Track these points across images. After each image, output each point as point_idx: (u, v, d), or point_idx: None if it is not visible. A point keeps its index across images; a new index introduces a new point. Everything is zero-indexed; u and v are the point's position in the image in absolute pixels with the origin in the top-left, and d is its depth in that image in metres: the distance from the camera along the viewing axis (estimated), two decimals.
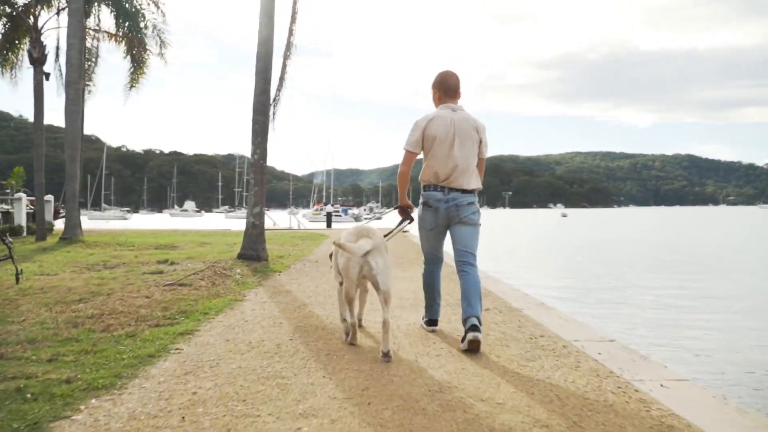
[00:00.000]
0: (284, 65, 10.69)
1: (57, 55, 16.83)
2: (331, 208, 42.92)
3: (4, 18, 15.94)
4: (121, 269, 9.16)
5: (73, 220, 14.77)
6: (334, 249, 4.17)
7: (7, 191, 20.78)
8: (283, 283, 7.61)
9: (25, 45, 15.89)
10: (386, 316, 3.72)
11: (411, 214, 4.49)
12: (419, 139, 4.21)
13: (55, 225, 19.50)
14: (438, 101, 4.38)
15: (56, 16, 16.13)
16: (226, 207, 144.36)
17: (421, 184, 4.37)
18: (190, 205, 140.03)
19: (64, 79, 14.77)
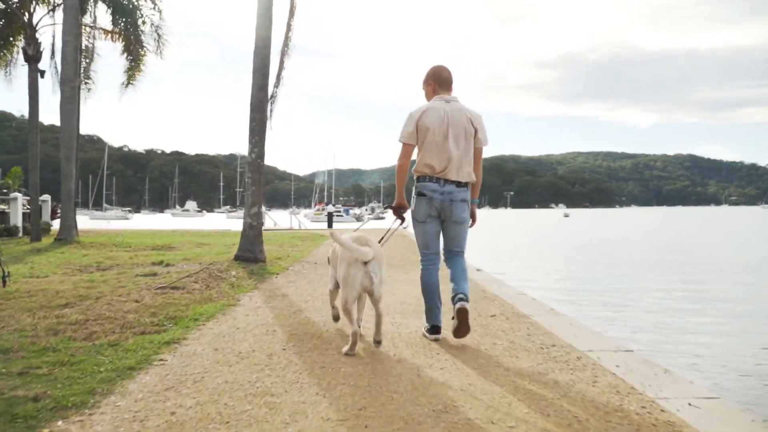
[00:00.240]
0: (282, 61, 10.42)
1: (53, 53, 16.58)
2: (332, 208, 42.57)
3: None
4: (114, 271, 8.88)
5: (68, 221, 14.49)
6: (332, 254, 4.13)
7: (4, 191, 20.52)
8: (280, 286, 7.32)
9: (20, 42, 15.61)
10: (379, 310, 3.96)
11: (404, 214, 4.41)
12: (413, 131, 4.17)
13: (53, 225, 19.22)
14: (432, 94, 4.33)
15: (51, 12, 15.90)
16: (228, 207, 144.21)
17: (415, 176, 4.30)
18: (191, 205, 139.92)
19: (60, 77, 14.47)
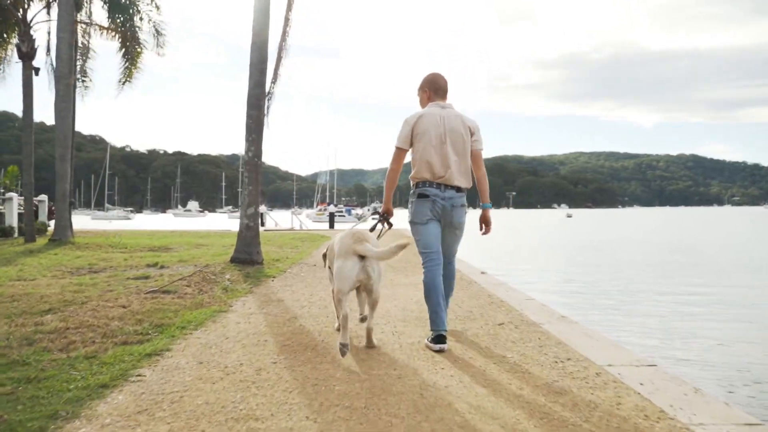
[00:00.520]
0: (279, 57, 10.07)
1: (48, 50, 16.23)
2: (333, 208, 42.22)
3: None
4: (106, 274, 8.56)
5: (63, 221, 14.18)
6: (328, 250, 4.12)
7: (1, 191, 20.25)
8: (276, 290, 6.99)
9: (14, 39, 15.28)
10: (370, 324, 3.95)
11: (390, 220, 4.42)
12: (408, 136, 4.19)
13: (51, 225, 18.91)
14: (427, 101, 4.35)
15: (47, 9, 15.56)
16: (230, 207, 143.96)
17: (412, 183, 4.28)
18: (193, 205, 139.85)
19: (54, 74, 14.16)
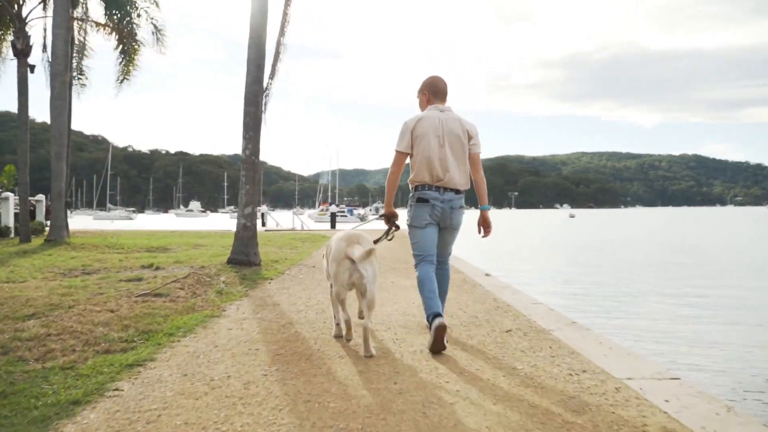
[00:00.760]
0: (278, 52, 9.78)
1: (44, 47, 15.96)
2: (335, 208, 41.83)
3: None
4: (98, 275, 8.29)
5: (58, 221, 13.92)
6: (326, 251, 4.18)
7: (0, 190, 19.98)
8: (272, 293, 6.70)
9: (10, 36, 15.00)
10: (366, 322, 3.82)
11: (396, 222, 4.43)
12: (409, 140, 4.20)
13: (48, 225, 18.64)
14: (426, 103, 4.37)
15: (42, 4, 15.28)
16: (232, 207, 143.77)
17: (412, 185, 4.31)
18: (195, 205, 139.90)
19: (50, 72, 13.89)
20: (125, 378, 3.31)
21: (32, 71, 14.91)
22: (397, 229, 4.42)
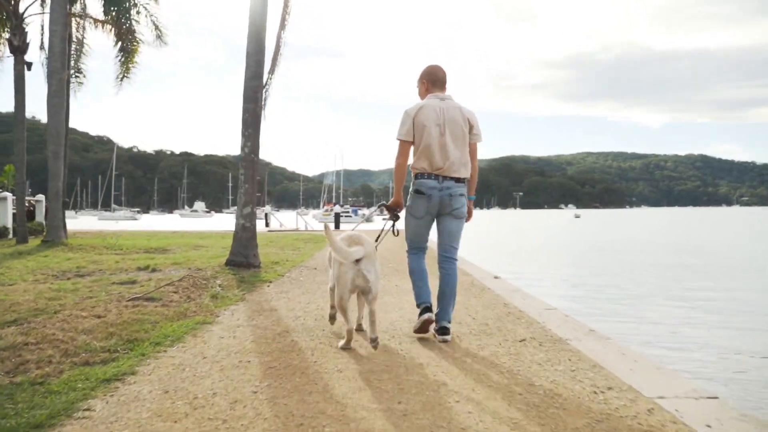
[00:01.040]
0: (278, 46, 9.46)
1: (42, 44, 15.66)
2: (339, 208, 41.53)
3: None
4: (92, 278, 7.98)
5: (56, 222, 13.62)
6: (329, 254, 4.11)
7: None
8: (270, 297, 6.37)
9: (6, 33, 14.71)
10: (373, 307, 3.82)
11: (398, 213, 4.42)
12: (410, 128, 4.18)
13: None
14: (425, 92, 4.37)
15: (40, 0, 15.00)
16: (236, 207, 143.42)
17: (413, 173, 4.31)
18: (199, 205, 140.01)
19: (47, 69, 13.60)
20: (100, 395, 2.99)
21: (29, 69, 14.62)
22: (397, 219, 4.42)
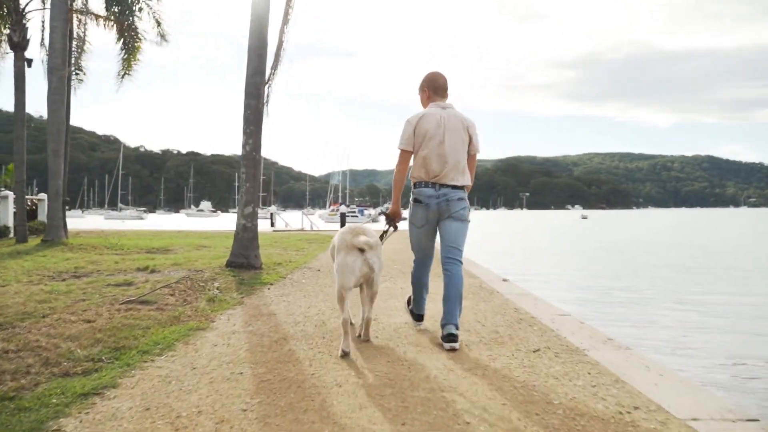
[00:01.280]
0: (281, 41, 9.15)
1: (42, 40, 15.42)
2: (345, 208, 41.31)
3: None
4: (88, 279, 7.73)
5: (56, 221, 13.40)
6: (331, 250, 4.11)
7: (1, 189, 19.57)
8: (269, 301, 6.10)
9: (6, 29, 14.47)
10: (369, 314, 3.99)
11: (397, 223, 4.45)
12: (411, 137, 4.22)
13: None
14: (427, 100, 4.40)
15: None
16: None
17: (412, 181, 4.34)
18: (206, 205, 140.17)
19: (47, 66, 13.37)
20: (74, 412, 2.72)
21: (29, 65, 14.40)
22: (395, 230, 4.46)
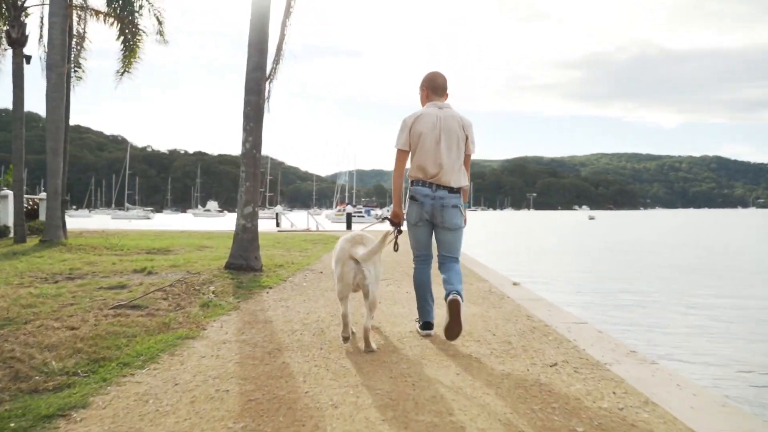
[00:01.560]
0: (283, 34, 8.86)
1: (41, 36, 15.15)
2: (351, 208, 40.94)
3: None
4: (80, 281, 7.42)
5: (54, 221, 13.11)
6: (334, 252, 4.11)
7: (3, 188, 19.37)
8: (267, 306, 5.77)
9: (5, 25, 14.21)
10: (368, 324, 3.88)
11: (400, 226, 4.32)
12: (407, 137, 4.22)
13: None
14: (425, 99, 4.40)
15: None
16: None
17: (409, 180, 4.35)
18: (212, 205, 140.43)
19: (46, 62, 13.11)
20: None
21: (28, 62, 14.11)
22: (399, 233, 4.30)
